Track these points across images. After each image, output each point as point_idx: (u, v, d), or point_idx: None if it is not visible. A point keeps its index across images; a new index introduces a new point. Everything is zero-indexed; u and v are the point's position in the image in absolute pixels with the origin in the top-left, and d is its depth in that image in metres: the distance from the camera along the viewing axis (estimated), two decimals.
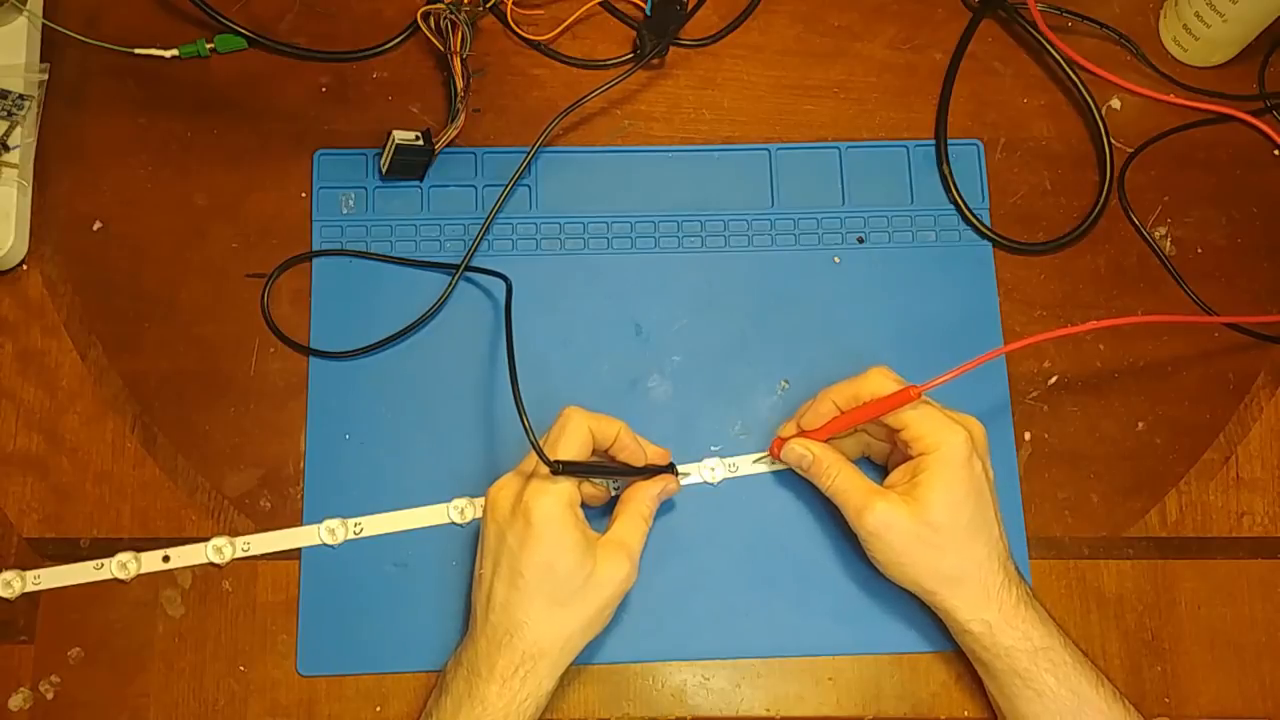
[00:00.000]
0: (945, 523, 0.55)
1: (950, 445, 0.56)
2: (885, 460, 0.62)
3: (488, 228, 0.66)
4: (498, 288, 0.65)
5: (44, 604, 0.60)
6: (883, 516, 0.56)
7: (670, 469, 0.60)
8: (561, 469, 0.54)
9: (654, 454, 0.60)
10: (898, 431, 0.58)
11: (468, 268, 0.65)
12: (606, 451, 0.58)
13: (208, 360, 0.64)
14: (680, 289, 0.66)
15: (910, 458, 0.58)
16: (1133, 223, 0.69)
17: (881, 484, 0.59)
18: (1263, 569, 0.64)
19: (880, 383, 0.58)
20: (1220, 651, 0.62)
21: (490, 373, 0.64)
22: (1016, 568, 0.58)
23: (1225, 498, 0.65)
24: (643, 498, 0.58)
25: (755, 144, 0.69)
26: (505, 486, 0.56)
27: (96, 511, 0.62)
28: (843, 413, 0.59)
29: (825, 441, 0.60)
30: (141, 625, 0.60)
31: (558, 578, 0.54)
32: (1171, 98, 0.71)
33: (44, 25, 0.67)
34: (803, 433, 0.60)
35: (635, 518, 0.58)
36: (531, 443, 0.52)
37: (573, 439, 0.55)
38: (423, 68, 0.70)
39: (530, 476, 0.55)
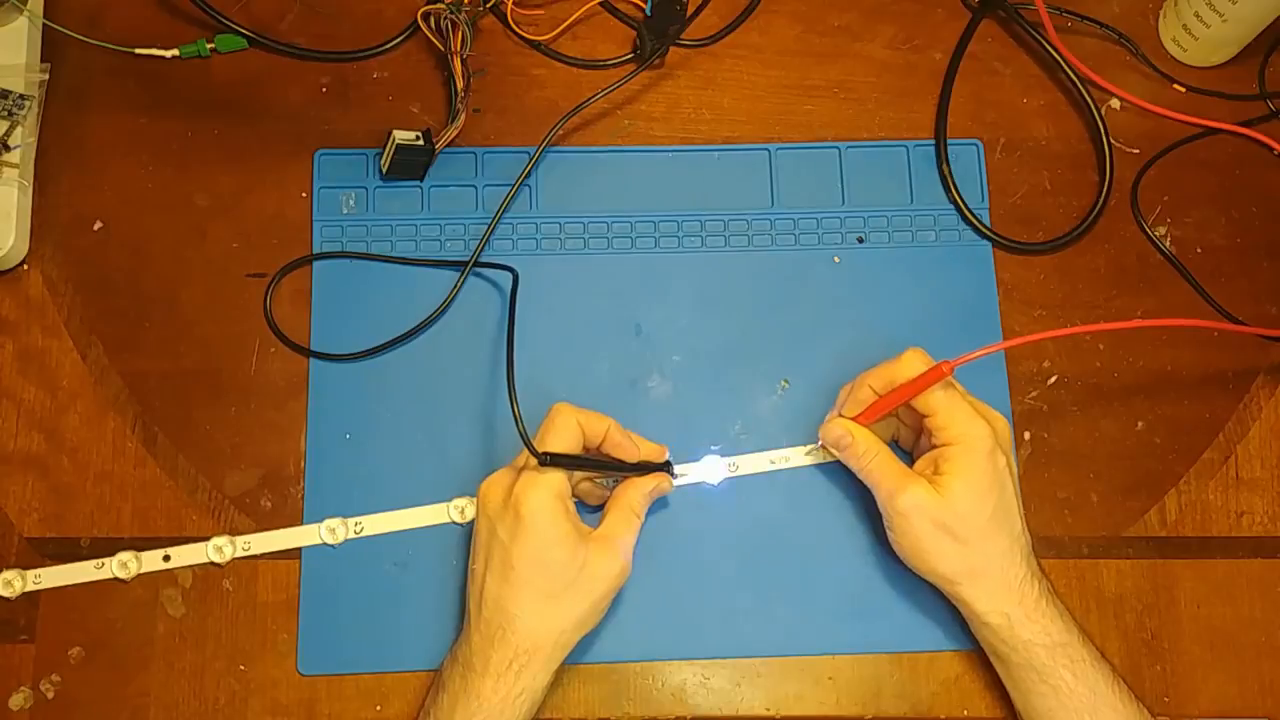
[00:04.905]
0: (968, 514, 0.56)
1: (973, 438, 0.56)
2: (912, 446, 0.62)
3: (494, 226, 0.66)
4: (499, 287, 0.65)
5: (44, 603, 0.60)
6: (915, 499, 0.56)
7: (666, 465, 0.60)
8: (549, 460, 0.54)
9: (649, 450, 0.60)
10: (925, 417, 0.58)
11: (476, 263, 0.65)
12: (599, 448, 0.58)
13: (208, 360, 0.64)
14: (680, 289, 0.66)
15: (935, 447, 0.58)
16: (1142, 229, 0.68)
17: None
18: (1263, 569, 0.64)
19: (915, 365, 0.58)
20: (1220, 651, 0.62)
21: (490, 372, 0.64)
22: (1039, 563, 0.58)
23: (1225, 497, 0.65)
24: (634, 494, 0.58)
25: (755, 144, 0.69)
26: (496, 482, 0.56)
27: (97, 511, 0.62)
28: (880, 397, 0.59)
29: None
30: (142, 625, 0.60)
31: (549, 570, 0.54)
32: (1172, 113, 0.70)
33: (44, 25, 0.67)
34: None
35: (626, 513, 0.58)
36: (520, 432, 0.53)
37: (561, 433, 0.56)
38: (423, 68, 0.70)
39: (521, 470, 0.55)
